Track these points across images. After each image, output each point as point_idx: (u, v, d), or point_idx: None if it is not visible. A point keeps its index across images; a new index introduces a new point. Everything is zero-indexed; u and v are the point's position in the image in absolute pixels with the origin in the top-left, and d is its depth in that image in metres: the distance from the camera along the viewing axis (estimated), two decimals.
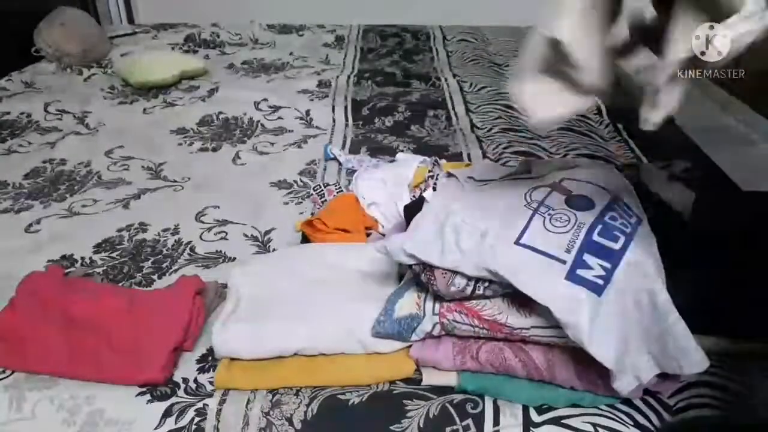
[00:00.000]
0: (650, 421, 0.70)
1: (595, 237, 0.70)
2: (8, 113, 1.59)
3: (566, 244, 0.69)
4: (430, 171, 1.08)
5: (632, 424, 0.70)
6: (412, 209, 0.93)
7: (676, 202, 0.86)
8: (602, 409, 0.72)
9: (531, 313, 0.70)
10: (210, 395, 0.75)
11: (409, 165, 1.13)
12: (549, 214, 0.73)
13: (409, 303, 0.75)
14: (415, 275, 0.75)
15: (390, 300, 0.77)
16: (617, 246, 0.69)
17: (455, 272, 0.70)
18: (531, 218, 0.73)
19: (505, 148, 1.36)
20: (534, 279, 0.67)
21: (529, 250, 0.69)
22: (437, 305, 0.74)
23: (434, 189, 0.99)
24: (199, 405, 0.74)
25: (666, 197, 0.86)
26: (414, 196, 1.03)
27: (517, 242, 0.71)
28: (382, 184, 1.08)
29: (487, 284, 0.70)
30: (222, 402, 0.74)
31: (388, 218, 1.03)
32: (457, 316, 0.73)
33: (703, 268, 0.68)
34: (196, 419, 0.72)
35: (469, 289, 0.70)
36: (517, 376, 0.73)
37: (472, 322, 0.72)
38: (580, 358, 0.70)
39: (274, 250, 1.02)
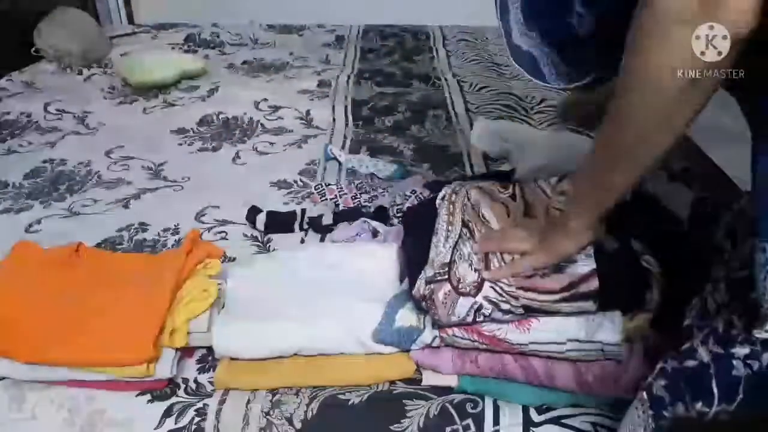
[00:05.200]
0: None
1: None
2: (8, 113, 1.59)
3: None
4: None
5: None
6: (411, 214, 0.93)
7: (675, 203, 0.86)
8: (602, 409, 0.72)
9: (530, 329, 0.70)
10: (210, 395, 0.75)
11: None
12: None
13: (409, 315, 0.75)
14: (415, 302, 0.75)
15: (390, 305, 0.77)
16: None
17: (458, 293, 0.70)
18: None
19: None
20: None
21: None
22: None
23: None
24: (199, 405, 0.74)
25: (665, 198, 0.85)
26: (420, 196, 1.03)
27: None
28: None
29: (487, 314, 0.70)
30: (222, 402, 0.74)
31: None
32: (457, 331, 0.73)
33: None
34: (196, 419, 0.72)
35: (469, 319, 0.71)
36: (517, 381, 0.73)
37: (472, 338, 0.72)
38: (579, 365, 0.70)
39: (274, 250, 1.02)
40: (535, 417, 0.72)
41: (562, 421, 0.71)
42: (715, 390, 0.48)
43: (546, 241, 0.69)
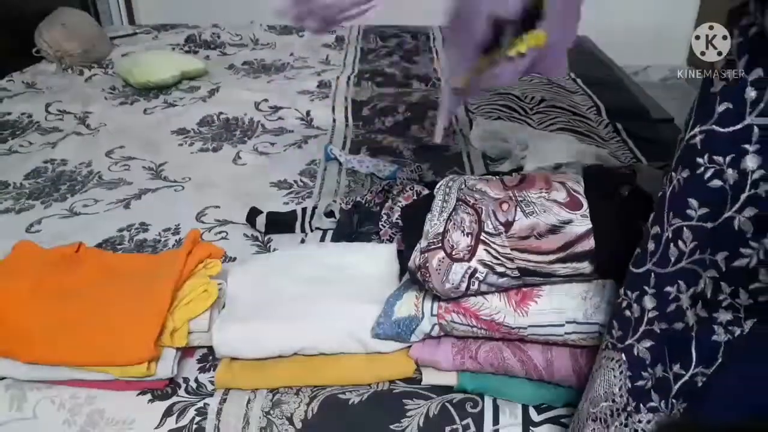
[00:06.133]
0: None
1: None
2: (9, 113, 1.59)
3: None
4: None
5: None
6: (411, 211, 0.93)
7: None
8: None
9: (528, 312, 0.70)
10: (210, 395, 0.75)
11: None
12: None
13: (407, 304, 0.76)
14: (411, 274, 0.75)
15: (389, 302, 0.77)
16: None
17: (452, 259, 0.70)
18: None
19: None
20: None
21: None
22: (435, 306, 0.74)
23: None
24: (200, 404, 0.74)
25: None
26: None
27: None
28: None
29: (481, 278, 0.70)
30: (222, 401, 0.74)
31: None
32: (456, 316, 0.73)
33: None
34: (197, 419, 0.72)
35: (464, 285, 0.71)
36: (516, 376, 0.73)
37: (470, 322, 0.72)
38: (579, 357, 0.71)
39: (274, 250, 1.03)
40: (535, 417, 0.72)
41: (562, 420, 0.71)
42: (694, 353, 0.48)
43: None
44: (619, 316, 0.55)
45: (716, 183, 0.45)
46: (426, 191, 1.03)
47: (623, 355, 0.54)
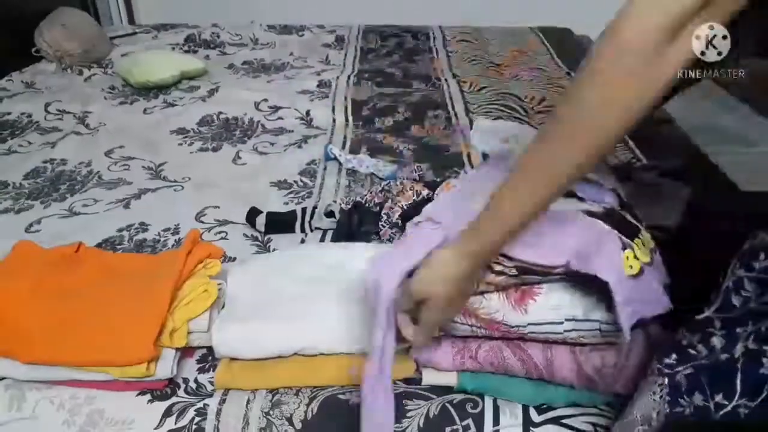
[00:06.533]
0: None
1: None
2: (9, 113, 1.59)
3: None
4: None
5: None
6: (411, 211, 0.93)
7: (666, 200, 0.86)
8: (601, 409, 0.72)
9: (528, 310, 0.70)
10: (210, 395, 0.75)
11: None
12: None
13: None
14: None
15: None
16: None
17: None
18: None
19: None
20: None
21: None
22: None
23: None
24: (200, 405, 0.74)
25: (658, 195, 0.86)
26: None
27: None
28: None
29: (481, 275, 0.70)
30: (222, 402, 0.74)
31: None
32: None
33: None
34: (197, 419, 0.72)
35: None
36: (516, 375, 0.73)
37: (470, 322, 0.72)
38: (578, 356, 0.71)
39: (274, 250, 1.03)
40: (535, 417, 0.72)
41: (562, 421, 0.71)
42: (739, 386, 0.48)
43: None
44: (681, 351, 0.55)
45: None
46: (426, 191, 1.03)
47: (666, 379, 0.54)
